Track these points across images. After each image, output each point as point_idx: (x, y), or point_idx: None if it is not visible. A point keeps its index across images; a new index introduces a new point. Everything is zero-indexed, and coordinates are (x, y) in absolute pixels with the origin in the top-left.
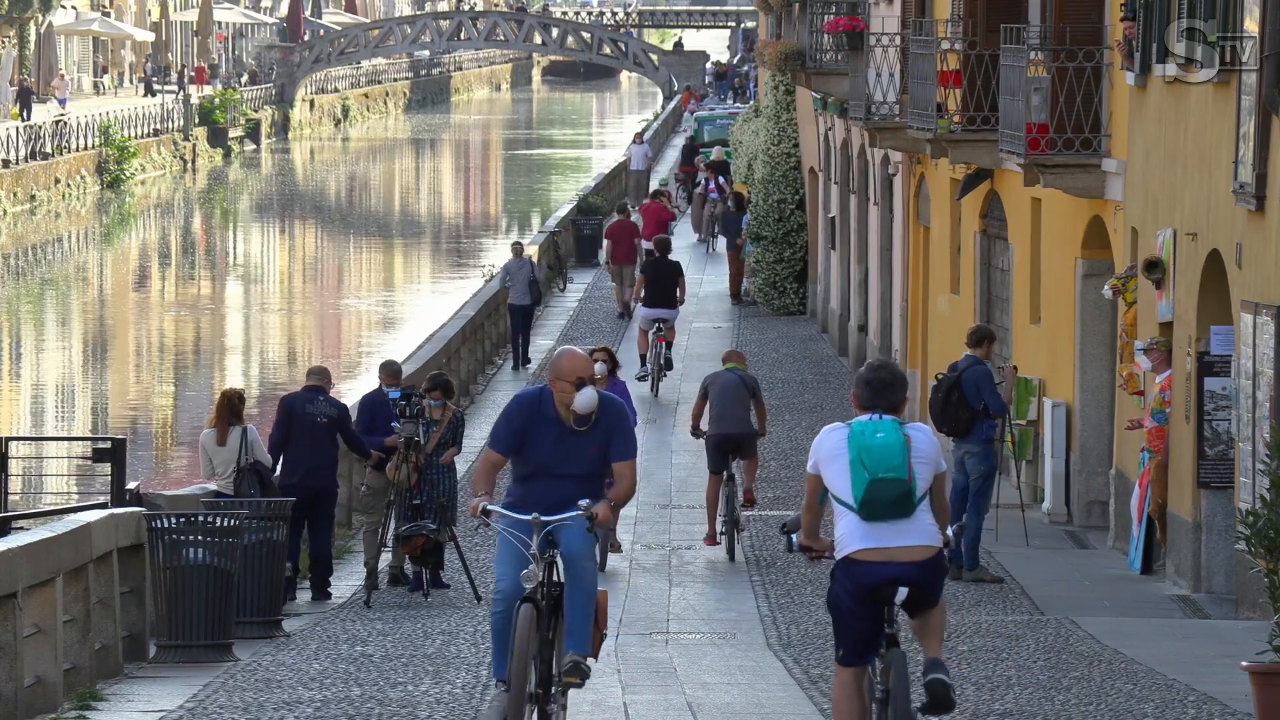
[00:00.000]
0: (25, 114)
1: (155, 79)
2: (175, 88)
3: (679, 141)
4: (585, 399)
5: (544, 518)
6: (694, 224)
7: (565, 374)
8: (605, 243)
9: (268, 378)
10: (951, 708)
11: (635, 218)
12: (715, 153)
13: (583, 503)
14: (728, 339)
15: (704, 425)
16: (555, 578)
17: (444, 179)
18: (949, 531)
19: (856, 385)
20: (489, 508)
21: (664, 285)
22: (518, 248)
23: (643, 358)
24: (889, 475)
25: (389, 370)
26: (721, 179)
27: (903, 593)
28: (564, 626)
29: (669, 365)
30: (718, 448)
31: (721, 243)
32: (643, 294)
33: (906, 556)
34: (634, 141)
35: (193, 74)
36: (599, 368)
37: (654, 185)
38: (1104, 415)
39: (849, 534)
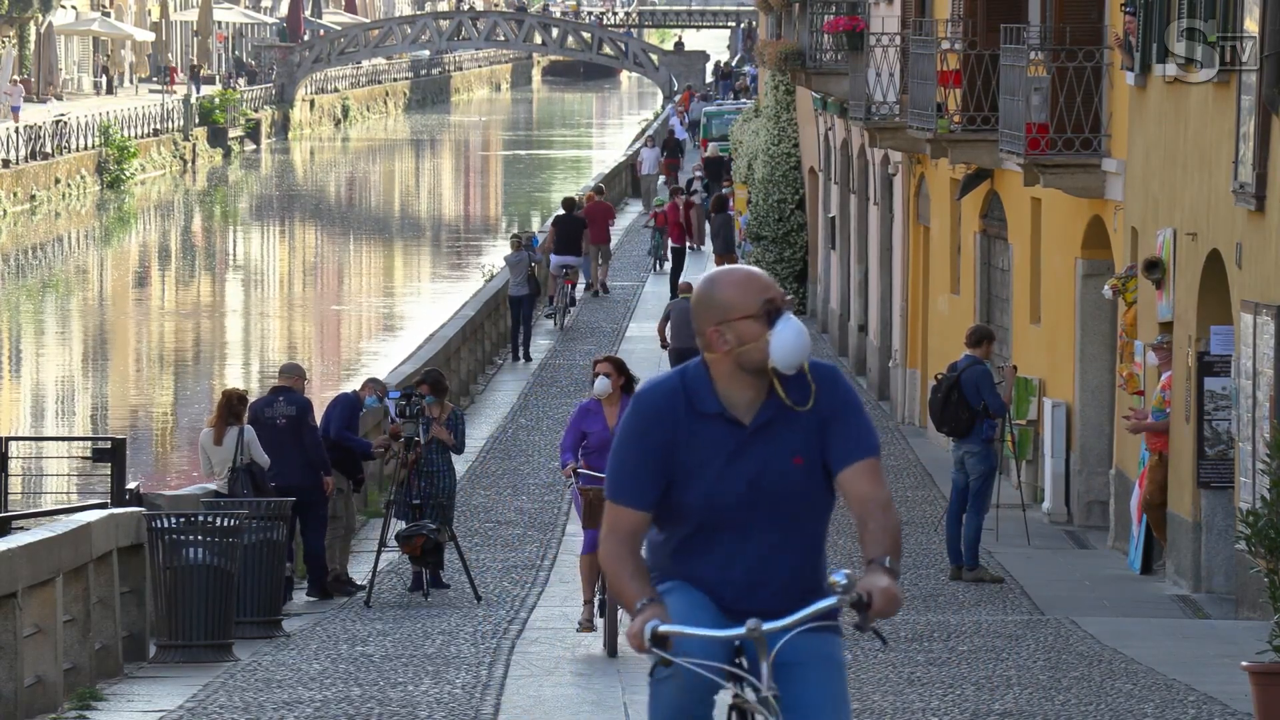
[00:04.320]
0: None
1: (116, 79)
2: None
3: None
4: (791, 344)
5: (768, 625)
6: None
7: (738, 305)
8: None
9: (268, 378)
10: None
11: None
12: (712, 149)
13: (838, 578)
14: None
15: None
16: None
17: (444, 179)
18: None
19: None
20: (664, 629)
21: (571, 237)
22: (516, 240)
23: (550, 298)
24: None
25: (376, 386)
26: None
27: None
28: None
29: (573, 302)
30: (680, 355)
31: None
32: (553, 245)
33: None
34: (645, 145)
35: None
36: (602, 382)
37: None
38: (1104, 415)
39: None
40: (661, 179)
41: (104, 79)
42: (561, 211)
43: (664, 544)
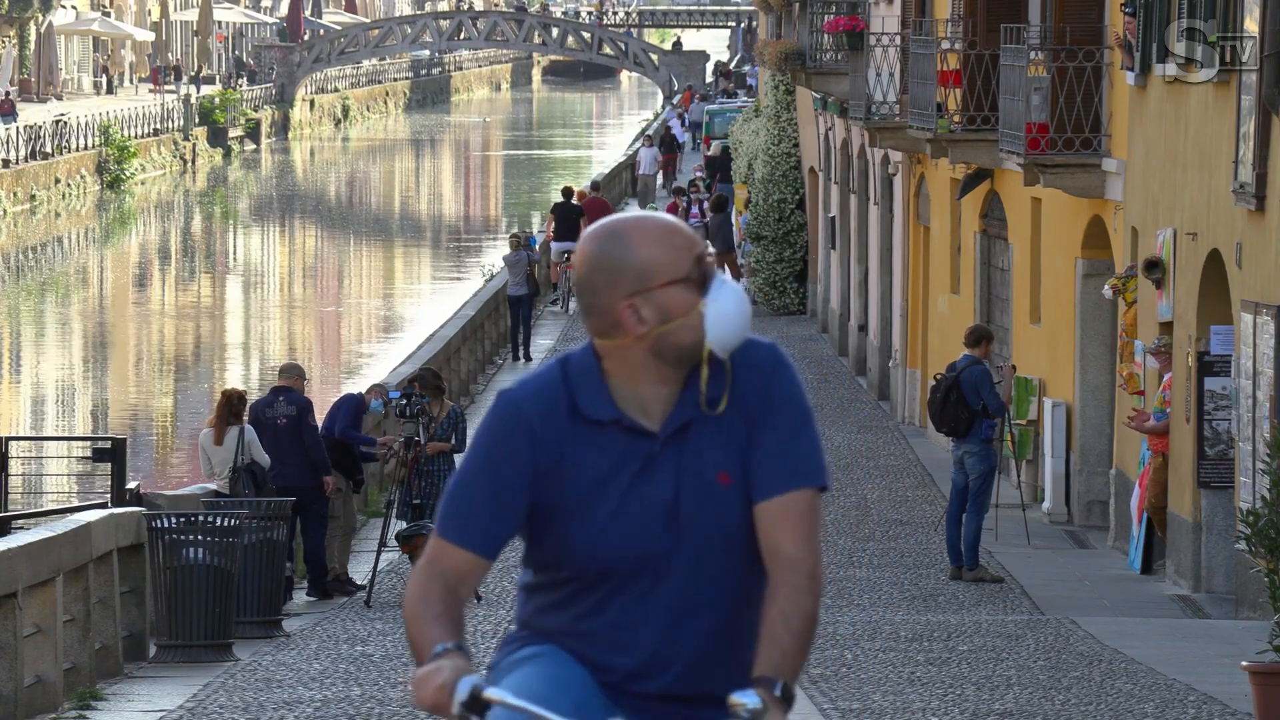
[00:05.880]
0: None
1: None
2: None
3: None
4: (734, 315)
5: None
6: None
7: (663, 266)
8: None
9: (268, 378)
10: None
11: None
12: (715, 147)
13: (746, 700)
14: None
15: None
16: None
17: (444, 179)
18: None
19: None
20: (492, 694)
21: (570, 224)
22: (515, 239)
23: (554, 286)
24: None
25: (382, 392)
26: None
27: None
28: None
29: None
30: None
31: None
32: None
33: None
34: (644, 145)
35: (192, 74)
36: None
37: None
38: (1104, 415)
39: None
40: (660, 179)
41: (104, 79)
42: (561, 199)
43: (536, 592)
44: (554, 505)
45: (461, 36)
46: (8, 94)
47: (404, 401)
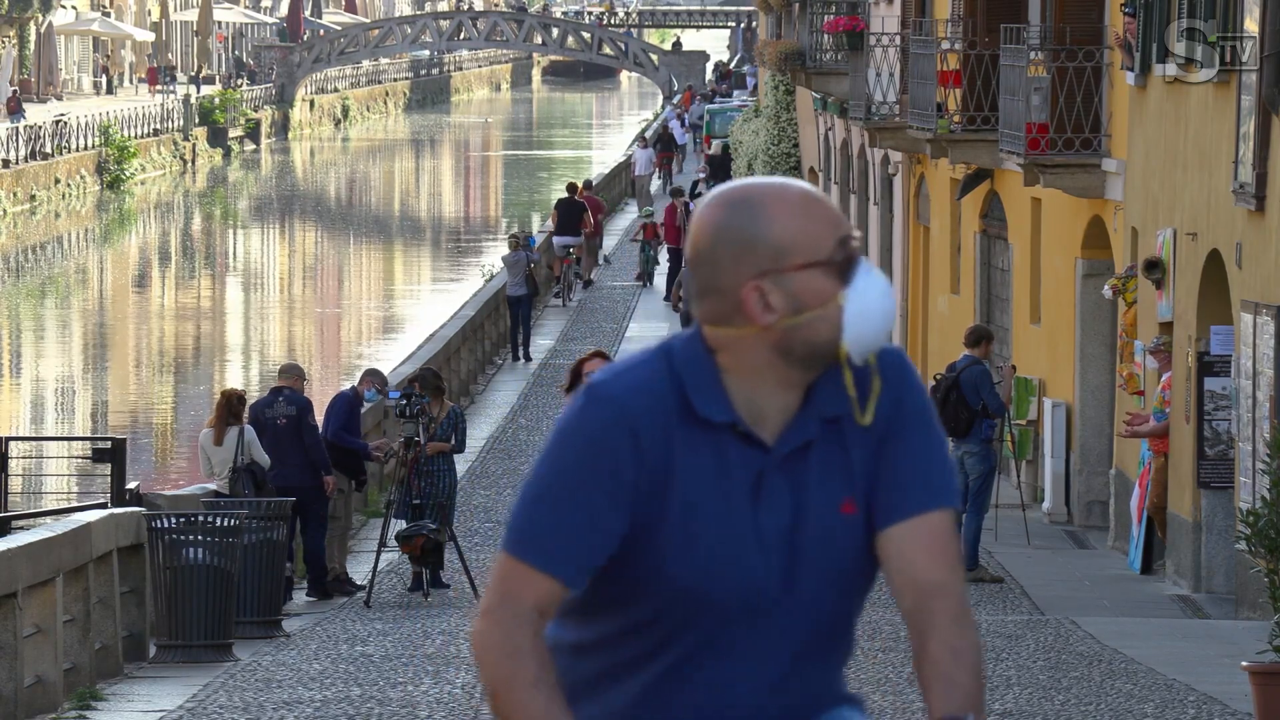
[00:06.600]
0: None
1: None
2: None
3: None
4: (878, 312)
5: None
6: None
7: (802, 243)
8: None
9: (268, 378)
10: None
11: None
12: (716, 146)
13: None
14: None
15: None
16: None
17: (444, 179)
18: None
19: None
20: None
21: (570, 220)
22: (514, 240)
23: (557, 279)
24: None
25: (375, 378)
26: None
27: None
28: None
29: (579, 276)
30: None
31: None
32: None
33: None
34: (639, 146)
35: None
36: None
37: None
38: (1104, 415)
39: None
40: (657, 183)
41: (104, 79)
42: (564, 195)
43: (591, 653)
44: (651, 525)
45: (461, 36)
46: (15, 93)
47: (404, 401)
